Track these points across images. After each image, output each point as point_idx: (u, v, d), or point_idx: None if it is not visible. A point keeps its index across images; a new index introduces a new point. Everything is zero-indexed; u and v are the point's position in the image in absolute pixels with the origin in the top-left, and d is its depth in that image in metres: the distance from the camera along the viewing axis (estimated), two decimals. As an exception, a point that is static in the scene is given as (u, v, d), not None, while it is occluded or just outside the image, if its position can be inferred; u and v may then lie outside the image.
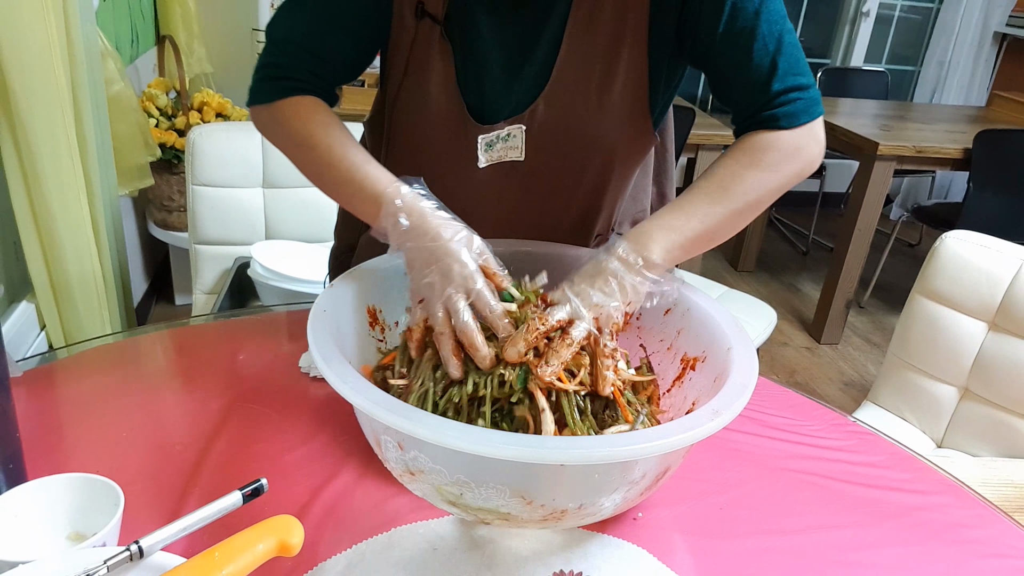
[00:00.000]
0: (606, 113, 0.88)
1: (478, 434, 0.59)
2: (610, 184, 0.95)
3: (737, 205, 0.78)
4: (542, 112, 0.87)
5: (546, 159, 0.91)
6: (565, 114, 0.87)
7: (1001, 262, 1.40)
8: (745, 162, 0.80)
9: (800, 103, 0.80)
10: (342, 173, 0.79)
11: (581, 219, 0.99)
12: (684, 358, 0.82)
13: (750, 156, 0.80)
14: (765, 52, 0.80)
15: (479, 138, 0.88)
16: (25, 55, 1.28)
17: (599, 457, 0.58)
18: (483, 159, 0.90)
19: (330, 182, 0.81)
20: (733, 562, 0.72)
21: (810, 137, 0.81)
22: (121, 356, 1.02)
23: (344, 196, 0.80)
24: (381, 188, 0.75)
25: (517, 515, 0.65)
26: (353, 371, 0.66)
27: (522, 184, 0.93)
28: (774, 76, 0.80)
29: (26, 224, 1.41)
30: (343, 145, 0.80)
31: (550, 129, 0.88)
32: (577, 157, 0.91)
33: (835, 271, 2.88)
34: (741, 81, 0.82)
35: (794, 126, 0.80)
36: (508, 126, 0.88)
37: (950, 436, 1.49)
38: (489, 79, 0.87)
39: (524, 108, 0.87)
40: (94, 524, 0.64)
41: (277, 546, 0.58)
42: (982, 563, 0.76)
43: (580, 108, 0.87)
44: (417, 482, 0.67)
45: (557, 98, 0.87)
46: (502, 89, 0.87)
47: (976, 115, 3.40)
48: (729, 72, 0.83)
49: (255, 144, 1.78)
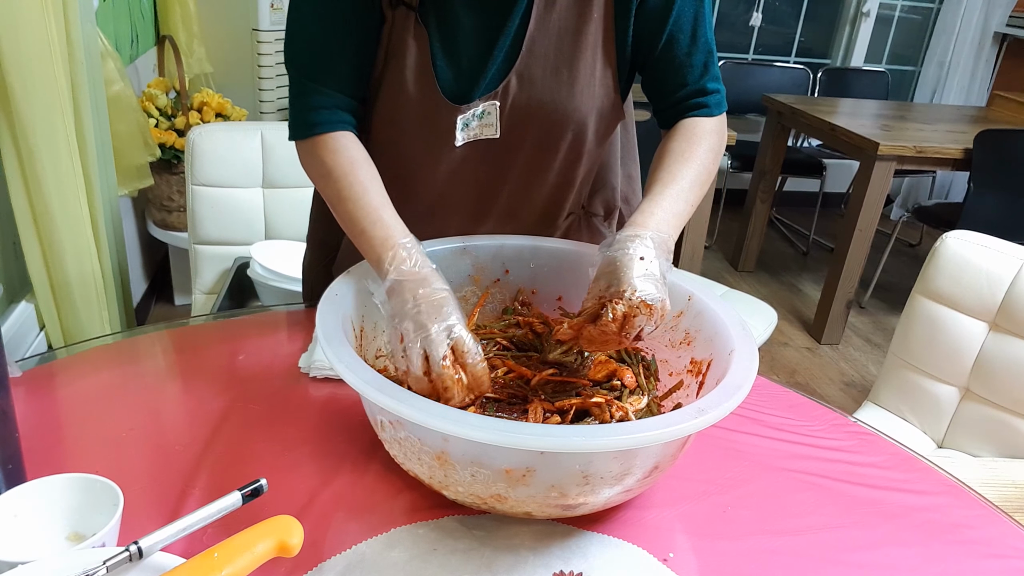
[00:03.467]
0: (576, 86, 0.91)
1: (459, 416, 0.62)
2: (582, 160, 0.99)
3: (706, 188, 0.89)
4: (515, 87, 0.91)
5: (521, 135, 0.94)
6: (537, 88, 0.91)
7: (1002, 262, 1.40)
8: (713, 146, 0.90)
9: (722, 95, 0.94)
10: (357, 211, 0.83)
11: (554, 197, 1.02)
12: (692, 361, 0.83)
13: (711, 140, 0.90)
14: (705, 46, 0.93)
15: (456, 118, 0.91)
16: (25, 55, 1.28)
17: (574, 446, 0.59)
18: (460, 137, 0.93)
19: (344, 217, 0.85)
20: (733, 562, 0.72)
21: (725, 122, 0.96)
22: (120, 356, 1.02)
23: (354, 234, 0.84)
24: (385, 241, 0.80)
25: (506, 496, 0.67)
26: (353, 353, 0.67)
27: (498, 162, 0.96)
28: (708, 69, 0.93)
29: (25, 224, 1.41)
30: (364, 184, 0.85)
31: (523, 104, 0.91)
32: (550, 132, 0.94)
33: (836, 271, 2.87)
34: (680, 68, 0.92)
35: (720, 113, 0.94)
36: (483, 103, 0.91)
37: (951, 436, 1.49)
38: (464, 59, 0.90)
39: (497, 85, 0.91)
40: (93, 524, 0.64)
41: (277, 546, 0.58)
42: (983, 563, 0.76)
43: (551, 82, 0.91)
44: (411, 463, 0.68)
45: (528, 73, 0.90)
46: (477, 68, 0.90)
47: (976, 115, 3.40)
48: (671, 59, 0.93)
49: (255, 144, 1.78)
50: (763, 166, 3.38)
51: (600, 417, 0.75)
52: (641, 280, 0.73)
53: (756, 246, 3.55)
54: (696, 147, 0.89)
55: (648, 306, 0.72)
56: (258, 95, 2.98)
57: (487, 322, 0.93)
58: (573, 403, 0.76)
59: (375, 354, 0.86)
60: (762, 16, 4.14)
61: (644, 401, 0.80)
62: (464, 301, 0.94)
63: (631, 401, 0.78)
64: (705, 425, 0.62)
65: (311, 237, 1.17)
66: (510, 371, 0.80)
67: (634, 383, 0.81)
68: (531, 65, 0.90)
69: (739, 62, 4.07)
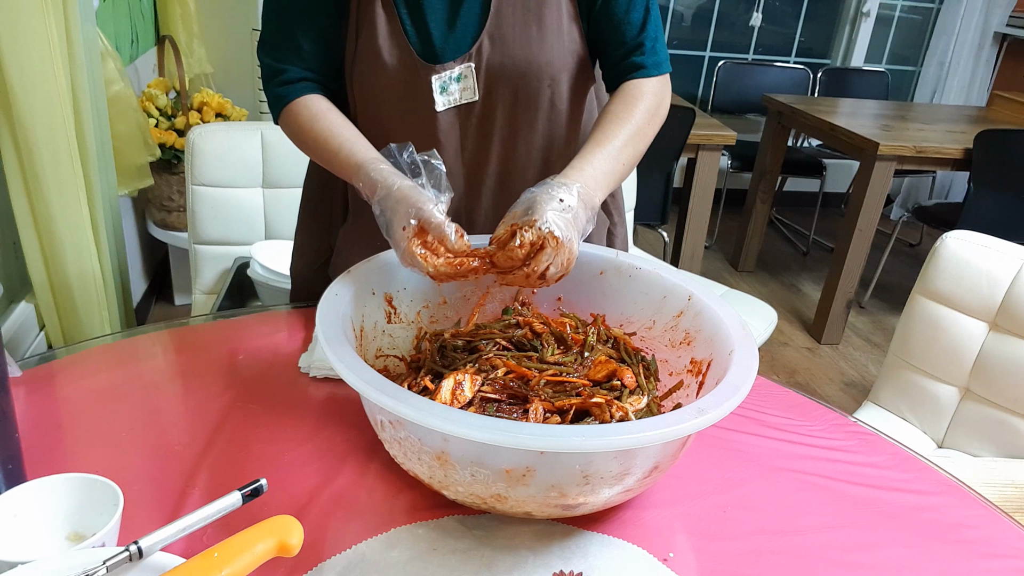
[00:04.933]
0: (546, 43, 0.95)
1: (459, 416, 0.62)
2: (563, 119, 1.02)
3: (642, 146, 0.92)
4: (487, 48, 0.94)
5: (499, 97, 0.97)
6: (509, 47, 0.94)
7: (1002, 262, 1.40)
8: (650, 107, 0.93)
9: (661, 57, 0.97)
10: (331, 148, 0.90)
11: (542, 164, 1.04)
12: (692, 361, 0.83)
13: (648, 101, 0.93)
14: (643, 4, 0.96)
15: (432, 79, 0.94)
16: (25, 55, 1.28)
17: (574, 446, 0.59)
18: (440, 102, 0.95)
19: (324, 157, 0.92)
20: (733, 562, 0.72)
21: (668, 85, 0.99)
22: (120, 356, 1.02)
23: (335, 167, 0.90)
24: (359, 160, 0.85)
25: (506, 495, 0.67)
26: (353, 353, 0.67)
27: (481, 128, 0.99)
28: (645, 28, 0.96)
29: (26, 224, 1.41)
30: (331, 126, 0.91)
31: (497, 64, 0.95)
32: (528, 89, 0.97)
33: (836, 271, 2.87)
34: (618, 25, 0.95)
35: (660, 74, 0.97)
36: (458, 66, 0.94)
37: (951, 436, 1.49)
38: (433, 22, 0.93)
39: (470, 47, 0.94)
40: (93, 524, 0.64)
41: (276, 546, 0.58)
42: (983, 563, 0.76)
43: (521, 38, 0.94)
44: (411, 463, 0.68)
45: (499, 32, 0.94)
46: (446, 30, 0.94)
47: (976, 115, 3.40)
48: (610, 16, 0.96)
49: (255, 144, 1.78)
50: (763, 166, 3.38)
51: (600, 417, 0.75)
52: (554, 214, 0.75)
53: (756, 246, 3.55)
54: (633, 108, 0.91)
55: (555, 239, 0.74)
56: (258, 95, 2.98)
57: (487, 322, 0.93)
58: (573, 403, 0.76)
59: (375, 354, 0.86)
60: (762, 16, 4.14)
61: (644, 401, 0.79)
62: (464, 301, 0.94)
63: (631, 401, 0.78)
64: (705, 425, 0.62)
65: (297, 243, 1.20)
66: (510, 371, 0.80)
67: (634, 383, 0.81)
68: (501, 24, 0.93)
69: (739, 62, 4.07)
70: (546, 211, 0.75)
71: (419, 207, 0.76)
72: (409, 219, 0.76)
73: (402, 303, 0.89)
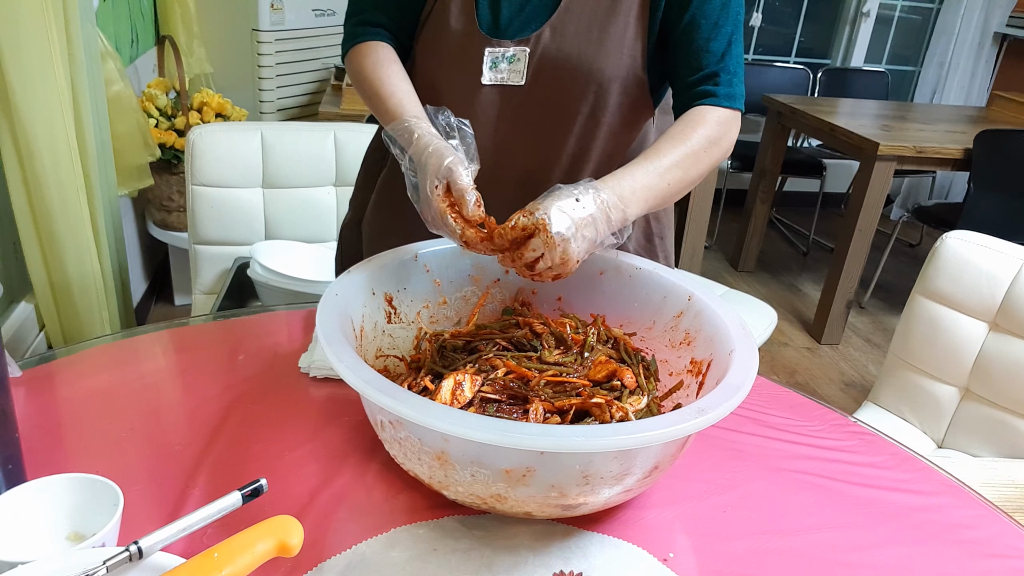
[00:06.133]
0: (605, 48, 0.94)
1: (459, 416, 0.62)
2: (600, 130, 1.00)
3: (693, 172, 0.88)
4: (547, 38, 0.94)
5: (544, 89, 0.97)
6: (567, 43, 0.94)
7: (1002, 262, 1.40)
8: (711, 135, 0.90)
9: (735, 90, 0.94)
10: (383, 95, 0.91)
11: (570, 170, 1.03)
12: (692, 361, 0.83)
13: (711, 129, 0.90)
14: (726, 39, 0.94)
15: (486, 51, 0.95)
16: (25, 55, 1.28)
17: (574, 446, 0.59)
18: (487, 76, 0.97)
19: (374, 102, 0.93)
20: (733, 562, 0.72)
21: (738, 122, 0.95)
22: (120, 356, 1.02)
23: (381, 113, 0.92)
24: (404, 111, 0.87)
25: (506, 496, 0.66)
26: (353, 353, 0.67)
27: (519, 113, 0.99)
28: (724, 60, 0.94)
29: (26, 224, 1.41)
30: (391, 76, 0.94)
31: (551, 56, 0.95)
32: (572, 89, 0.96)
33: (836, 271, 2.87)
34: (697, 52, 0.94)
35: (730, 107, 0.94)
36: (514, 47, 0.95)
37: (951, 436, 1.49)
38: (505, 2, 0.95)
39: (531, 32, 0.95)
40: (93, 524, 0.64)
41: (276, 547, 0.58)
42: (983, 563, 0.76)
43: (582, 38, 0.94)
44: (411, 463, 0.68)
45: (562, 26, 0.94)
46: (516, 11, 0.95)
47: (976, 115, 3.40)
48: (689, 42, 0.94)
49: (255, 144, 1.78)
50: (763, 166, 3.38)
51: (600, 417, 0.75)
52: (558, 209, 0.74)
53: (756, 246, 3.55)
54: (692, 131, 0.89)
55: (547, 231, 0.73)
56: (258, 95, 2.98)
57: (487, 322, 0.93)
58: (573, 403, 0.76)
59: (375, 354, 0.86)
60: (762, 16, 4.14)
61: (644, 401, 0.80)
62: (464, 301, 0.94)
63: (631, 401, 0.78)
64: (705, 425, 0.62)
65: (352, 197, 1.23)
66: (510, 371, 0.80)
67: (634, 383, 0.81)
68: (566, 20, 0.94)
69: (739, 62, 4.06)
70: (551, 206, 0.74)
71: (450, 167, 0.76)
72: (438, 176, 0.76)
73: (402, 303, 0.89)
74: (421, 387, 0.80)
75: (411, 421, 0.62)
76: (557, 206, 0.74)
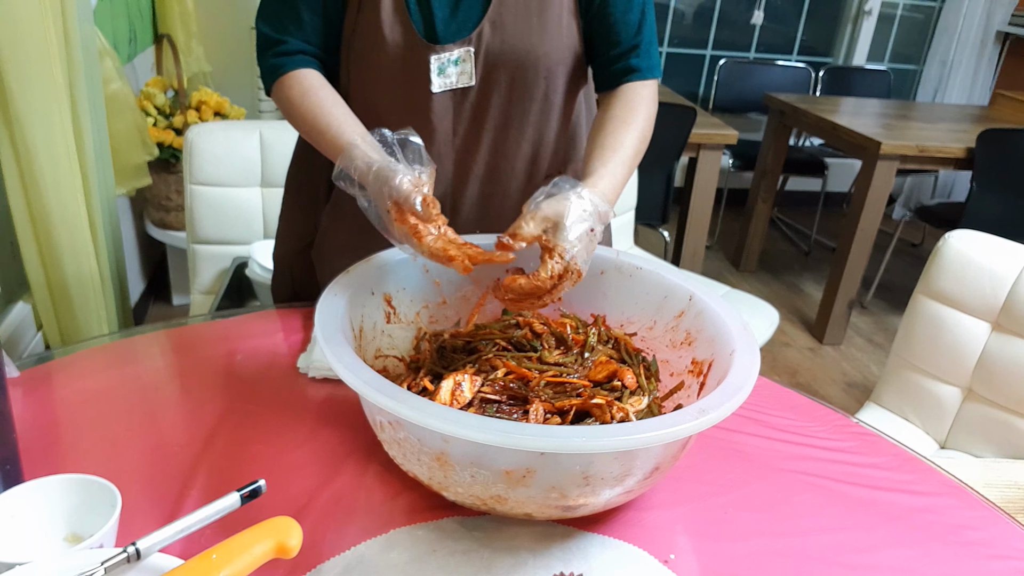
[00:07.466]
0: (546, 34, 0.96)
1: (459, 417, 0.61)
2: (554, 113, 1.03)
3: (642, 155, 0.93)
4: (488, 34, 0.95)
5: (495, 84, 0.98)
6: (509, 35, 0.96)
7: (1004, 262, 1.40)
8: (650, 114, 0.96)
9: (654, 61, 0.99)
10: (319, 126, 0.89)
11: (532, 157, 1.05)
12: (694, 361, 0.82)
13: (648, 107, 0.96)
14: (640, 5, 0.98)
15: (431, 59, 0.94)
16: (23, 54, 1.28)
17: (574, 447, 0.59)
18: (436, 83, 0.96)
19: (311, 134, 0.91)
20: (734, 563, 0.72)
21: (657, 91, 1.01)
22: (118, 356, 1.02)
23: (322, 146, 0.90)
24: (346, 140, 0.85)
25: (506, 497, 0.66)
26: (352, 353, 0.67)
27: (475, 113, 0.99)
28: (641, 30, 0.98)
29: (23, 224, 1.40)
30: (322, 104, 0.91)
31: (496, 51, 0.96)
32: (524, 79, 0.98)
33: (837, 271, 2.87)
34: (614, 25, 0.97)
35: (653, 78, 0.99)
36: (457, 49, 0.95)
37: (953, 437, 1.49)
38: (437, 3, 0.94)
39: (470, 31, 0.95)
40: (91, 525, 0.64)
41: (275, 548, 0.57)
42: (985, 565, 0.75)
43: (522, 28, 0.96)
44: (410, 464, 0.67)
45: (500, 19, 0.95)
46: (449, 12, 0.95)
47: (979, 114, 3.39)
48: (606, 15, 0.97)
49: (253, 143, 1.77)
50: (764, 165, 3.37)
51: (601, 418, 0.75)
52: (578, 239, 0.76)
53: (758, 246, 3.55)
54: (637, 114, 0.94)
55: (579, 273, 0.75)
56: (256, 94, 2.98)
57: (487, 322, 0.92)
58: (573, 404, 0.75)
59: (374, 354, 0.85)
60: (764, 14, 4.13)
61: (645, 402, 0.79)
62: (464, 301, 0.94)
63: (632, 402, 0.78)
64: (706, 426, 0.62)
65: (280, 229, 1.20)
66: (510, 372, 0.79)
67: (635, 384, 0.81)
68: (503, 13, 0.95)
69: (740, 61, 4.06)
70: (570, 234, 0.75)
71: (390, 183, 0.75)
72: (386, 199, 0.75)
73: (401, 303, 0.89)
74: (420, 387, 0.79)
75: (410, 422, 0.61)
76: (577, 238, 0.75)
